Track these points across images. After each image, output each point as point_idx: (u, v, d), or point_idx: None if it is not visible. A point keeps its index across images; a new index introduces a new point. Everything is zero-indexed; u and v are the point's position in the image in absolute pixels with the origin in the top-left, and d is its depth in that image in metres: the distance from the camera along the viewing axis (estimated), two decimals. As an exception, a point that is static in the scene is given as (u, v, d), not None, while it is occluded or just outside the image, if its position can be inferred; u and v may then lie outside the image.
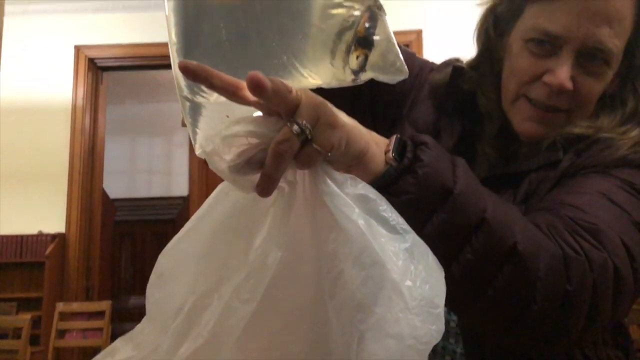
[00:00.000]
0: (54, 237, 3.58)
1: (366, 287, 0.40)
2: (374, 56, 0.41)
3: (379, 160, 0.48)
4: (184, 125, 0.50)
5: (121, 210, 5.81)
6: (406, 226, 0.43)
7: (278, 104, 0.41)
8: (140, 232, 6.05)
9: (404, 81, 0.82)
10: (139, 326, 0.47)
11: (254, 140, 0.42)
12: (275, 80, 0.40)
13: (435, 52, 3.51)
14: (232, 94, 0.42)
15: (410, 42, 3.69)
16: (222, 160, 0.41)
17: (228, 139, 0.41)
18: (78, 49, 3.83)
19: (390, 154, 0.49)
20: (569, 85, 0.65)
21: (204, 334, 0.41)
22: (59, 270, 3.58)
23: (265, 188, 0.42)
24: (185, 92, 0.46)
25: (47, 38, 3.87)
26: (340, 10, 0.41)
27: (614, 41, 0.64)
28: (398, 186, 0.48)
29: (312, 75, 0.43)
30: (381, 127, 0.87)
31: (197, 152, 0.47)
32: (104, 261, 4.42)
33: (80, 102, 3.79)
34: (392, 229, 0.43)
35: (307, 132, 0.41)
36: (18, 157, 3.66)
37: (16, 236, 3.60)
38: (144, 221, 6.05)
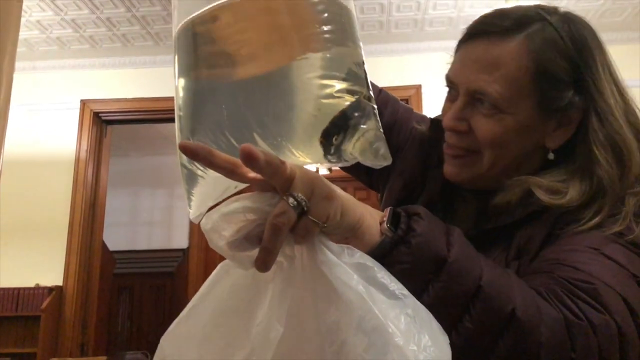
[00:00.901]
0: (50, 290, 3.53)
1: (369, 354, 0.40)
2: (360, 143, 0.44)
3: (374, 231, 0.49)
4: None
5: (120, 262, 5.76)
6: (406, 291, 0.44)
7: (272, 177, 0.42)
8: (139, 285, 5.97)
9: (398, 136, 0.85)
10: None
11: (251, 216, 0.43)
12: (267, 153, 0.41)
13: (433, 106, 3.58)
14: (230, 171, 0.43)
15: (410, 97, 3.76)
16: (221, 237, 0.43)
17: (226, 216, 0.42)
18: (84, 103, 3.92)
19: (385, 225, 0.50)
20: (452, 123, 0.70)
21: None
22: (54, 324, 3.51)
23: (264, 262, 0.43)
24: (184, 161, 0.48)
25: (55, 93, 3.96)
26: (331, 101, 0.44)
27: (494, 86, 0.66)
28: (393, 257, 0.49)
29: (303, 155, 0.45)
30: (377, 182, 0.89)
31: (191, 217, 0.48)
32: (100, 315, 4.34)
33: (83, 154, 3.83)
34: (392, 295, 0.43)
35: (304, 204, 0.43)
36: (18, 209, 3.67)
37: (13, 289, 3.55)
38: (143, 274, 5.98)
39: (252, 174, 0.43)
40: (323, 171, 5.10)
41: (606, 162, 0.65)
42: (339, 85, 0.45)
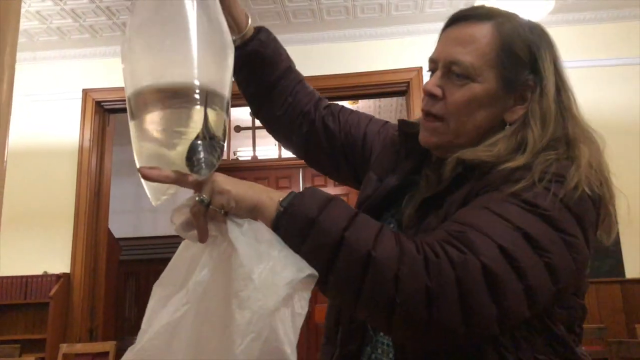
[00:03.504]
0: (58, 277, 3.59)
1: (236, 272, 0.63)
2: (196, 164, 0.68)
3: (272, 209, 0.67)
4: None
5: (126, 249, 5.82)
6: (277, 239, 0.65)
7: (183, 185, 0.68)
8: (145, 271, 6.04)
9: (372, 143, 1.02)
10: None
11: (186, 210, 0.69)
12: (173, 171, 0.67)
13: (434, 89, 3.57)
14: (174, 181, 0.68)
15: (411, 79, 3.76)
16: (175, 224, 0.70)
17: (175, 211, 0.70)
18: (86, 92, 3.94)
19: (279, 205, 0.66)
20: (433, 90, 0.83)
21: (155, 329, 0.68)
22: (63, 310, 3.58)
23: (200, 236, 0.68)
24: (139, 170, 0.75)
25: (56, 83, 3.98)
26: (179, 139, 0.68)
27: (466, 57, 0.81)
28: (279, 224, 0.66)
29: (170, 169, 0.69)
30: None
31: (153, 204, 0.79)
32: (108, 301, 4.41)
33: (87, 144, 3.86)
34: (265, 242, 0.65)
35: (204, 199, 0.66)
36: (24, 198, 3.71)
37: (21, 277, 3.61)
38: (149, 260, 6.05)
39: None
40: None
41: (535, 125, 0.80)
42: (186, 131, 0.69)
